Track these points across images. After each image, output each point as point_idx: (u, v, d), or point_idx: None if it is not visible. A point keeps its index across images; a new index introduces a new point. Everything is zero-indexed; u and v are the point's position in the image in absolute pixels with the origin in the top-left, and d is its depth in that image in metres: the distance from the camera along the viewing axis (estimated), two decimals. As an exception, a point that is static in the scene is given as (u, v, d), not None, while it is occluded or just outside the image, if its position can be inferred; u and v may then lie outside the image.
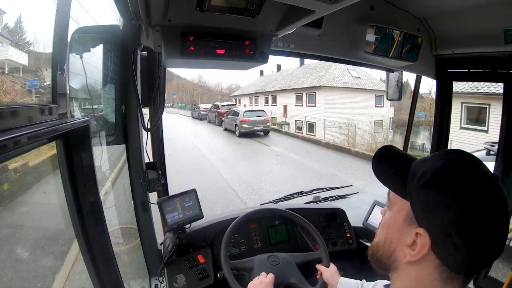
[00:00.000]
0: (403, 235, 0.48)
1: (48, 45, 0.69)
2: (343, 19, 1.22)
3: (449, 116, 1.68)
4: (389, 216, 0.53)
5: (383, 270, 0.54)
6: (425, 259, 0.46)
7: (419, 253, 0.45)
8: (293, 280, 1.06)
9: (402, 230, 0.49)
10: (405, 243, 0.47)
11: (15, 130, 0.48)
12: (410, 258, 0.47)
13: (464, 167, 0.45)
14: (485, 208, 0.42)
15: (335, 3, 0.56)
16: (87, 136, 0.77)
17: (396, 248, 0.50)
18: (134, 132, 1.21)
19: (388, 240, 0.52)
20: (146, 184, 1.23)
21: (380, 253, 0.53)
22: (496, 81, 1.45)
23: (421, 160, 0.50)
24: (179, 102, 44.21)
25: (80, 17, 0.98)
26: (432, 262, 0.45)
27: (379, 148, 0.58)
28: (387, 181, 0.54)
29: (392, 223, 0.52)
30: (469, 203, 0.42)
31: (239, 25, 0.76)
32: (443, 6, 1.22)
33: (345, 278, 1.00)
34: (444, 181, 0.44)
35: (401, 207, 0.50)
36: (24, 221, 1.08)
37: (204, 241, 1.28)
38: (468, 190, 0.43)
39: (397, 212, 0.51)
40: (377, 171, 0.55)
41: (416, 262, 0.46)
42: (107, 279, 0.87)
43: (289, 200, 1.77)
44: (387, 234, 0.52)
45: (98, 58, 1.13)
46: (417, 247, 0.46)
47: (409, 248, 0.47)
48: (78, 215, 0.79)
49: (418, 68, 1.51)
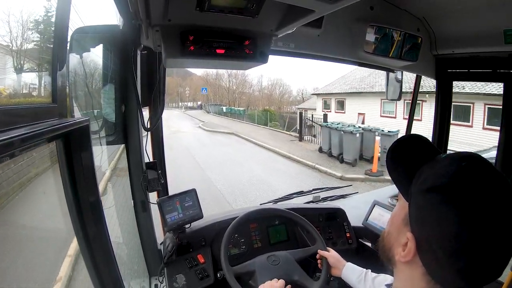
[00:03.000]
0: (400, 234, 0.48)
1: (48, 45, 0.69)
2: (343, 19, 1.22)
3: (449, 116, 1.68)
4: (395, 210, 0.53)
5: (386, 260, 0.53)
6: (413, 263, 0.45)
7: (407, 256, 0.45)
8: (296, 278, 1.06)
9: (400, 228, 0.49)
10: (400, 243, 0.47)
11: (15, 130, 0.48)
12: (399, 258, 0.47)
13: (469, 179, 0.40)
14: (483, 229, 0.37)
15: (335, 3, 0.56)
16: (87, 136, 0.77)
17: (394, 244, 0.50)
18: (134, 132, 1.21)
19: (389, 234, 0.52)
20: (146, 184, 1.23)
21: (383, 243, 0.54)
22: (496, 81, 1.45)
23: (434, 162, 0.46)
24: (213, 103, 30.26)
25: (80, 17, 0.98)
26: (420, 268, 0.45)
27: (399, 138, 0.54)
28: (394, 176, 0.52)
29: (394, 218, 0.52)
30: (464, 222, 0.38)
31: (239, 25, 0.76)
32: (443, 6, 1.22)
33: (351, 264, 1.03)
34: (443, 192, 0.41)
35: (403, 205, 0.49)
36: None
37: (204, 241, 1.28)
38: (466, 209, 0.38)
39: (400, 209, 0.50)
40: (389, 165, 0.52)
41: (406, 263, 0.46)
42: (107, 279, 0.87)
43: (289, 200, 1.77)
44: (390, 227, 0.53)
45: (98, 58, 1.13)
46: (406, 249, 0.45)
47: (401, 248, 0.47)
48: (78, 215, 0.79)
49: (418, 68, 1.51)
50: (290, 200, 1.77)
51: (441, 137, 1.68)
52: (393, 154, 0.52)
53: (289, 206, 1.48)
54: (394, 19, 1.27)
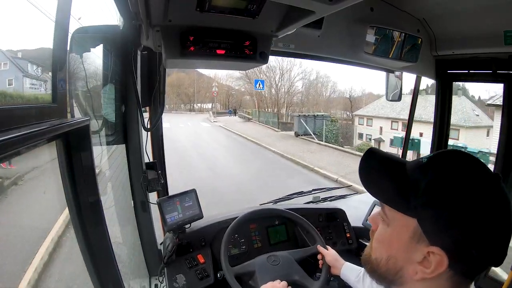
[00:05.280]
0: (410, 253, 0.45)
1: (48, 45, 0.69)
2: (343, 20, 1.22)
3: (449, 116, 1.68)
4: (388, 233, 0.49)
5: (386, 283, 0.51)
6: (440, 274, 0.43)
7: (436, 271, 0.43)
8: (296, 278, 1.06)
9: (409, 248, 0.45)
10: (414, 261, 0.45)
11: (15, 130, 0.48)
12: (424, 275, 0.44)
13: (466, 175, 0.43)
14: (493, 215, 0.41)
15: (335, 4, 0.56)
16: (87, 136, 0.77)
17: (404, 266, 0.47)
18: (134, 132, 1.21)
19: (392, 258, 0.48)
20: (146, 184, 1.23)
21: (382, 270, 0.50)
22: (496, 82, 1.45)
23: (419, 167, 0.46)
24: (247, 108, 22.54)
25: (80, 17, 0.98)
26: (446, 274, 0.43)
27: (364, 154, 0.51)
28: (382, 195, 0.49)
29: (394, 241, 0.48)
30: (479, 214, 0.41)
31: (239, 26, 0.76)
32: (443, 7, 1.22)
33: (349, 263, 1.04)
34: (452, 196, 0.42)
35: (404, 223, 0.45)
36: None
37: (204, 241, 1.28)
38: (476, 202, 0.41)
39: (401, 228, 0.46)
40: (368, 184, 0.49)
41: (428, 279, 0.44)
42: (107, 279, 0.87)
43: (289, 200, 1.77)
44: (390, 252, 0.48)
45: (98, 58, 1.13)
46: (431, 265, 0.43)
47: (421, 266, 0.44)
48: (78, 215, 0.79)
49: (418, 69, 1.51)
50: (290, 200, 1.77)
51: (441, 138, 1.69)
52: (370, 181, 0.50)
53: (289, 207, 1.48)
54: (394, 20, 1.27)
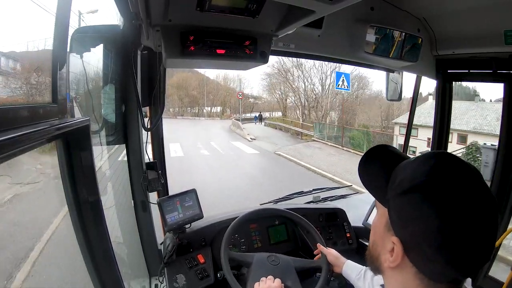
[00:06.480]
0: (384, 241, 0.49)
1: (48, 45, 0.69)
2: (343, 20, 1.22)
3: (449, 116, 1.68)
4: (376, 219, 0.53)
5: (376, 271, 0.54)
6: (403, 266, 0.46)
7: (395, 261, 0.46)
8: (289, 284, 1.05)
9: (383, 235, 0.49)
10: (386, 249, 0.48)
11: (15, 130, 0.48)
12: (389, 264, 0.47)
13: (443, 176, 0.42)
14: (462, 219, 0.40)
15: (335, 3, 0.56)
16: (87, 136, 0.77)
17: (380, 252, 0.50)
18: (134, 132, 1.21)
19: (374, 244, 0.53)
20: (146, 184, 1.23)
21: (370, 254, 0.54)
22: (496, 82, 1.45)
23: (405, 164, 0.48)
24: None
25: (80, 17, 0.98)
26: (411, 269, 0.45)
27: (369, 149, 0.56)
28: (369, 184, 0.53)
29: (376, 227, 0.52)
30: (444, 215, 0.40)
31: (239, 25, 0.76)
32: (444, 6, 1.22)
33: (351, 262, 1.05)
34: (419, 191, 0.43)
35: (382, 212, 0.49)
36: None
37: (204, 241, 1.28)
38: (444, 203, 0.41)
39: (380, 217, 0.51)
40: (361, 174, 0.54)
41: (396, 268, 0.47)
42: (107, 279, 0.87)
43: (289, 200, 1.77)
44: (374, 237, 0.53)
45: (98, 58, 1.13)
46: (394, 254, 0.46)
47: (389, 254, 0.47)
48: (78, 215, 0.79)
49: (418, 69, 1.51)
50: (290, 200, 1.77)
51: (441, 138, 1.68)
52: (365, 167, 0.54)
53: (289, 206, 1.48)
54: (394, 20, 1.27)
